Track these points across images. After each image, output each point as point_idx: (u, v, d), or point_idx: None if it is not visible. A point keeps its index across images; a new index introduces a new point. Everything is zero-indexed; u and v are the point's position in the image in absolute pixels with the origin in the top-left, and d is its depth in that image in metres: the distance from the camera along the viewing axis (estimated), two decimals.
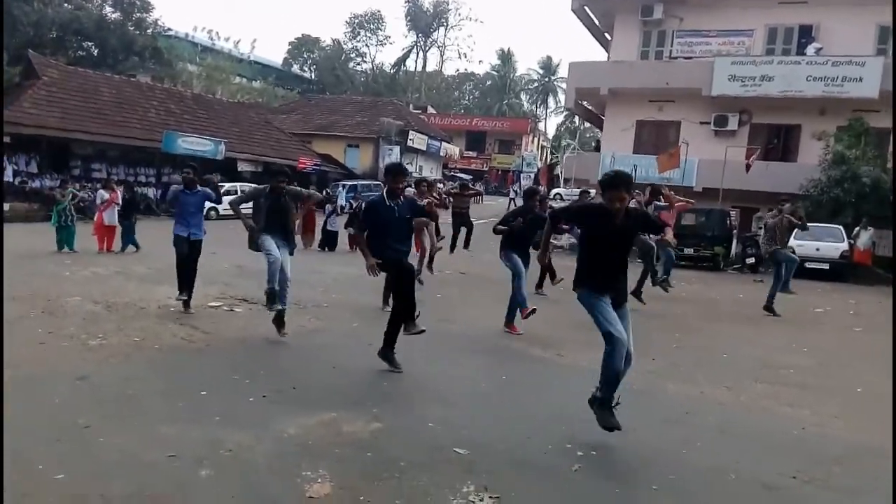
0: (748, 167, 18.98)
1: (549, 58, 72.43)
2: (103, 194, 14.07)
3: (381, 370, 5.78)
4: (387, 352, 5.83)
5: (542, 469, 3.95)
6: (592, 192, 19.12)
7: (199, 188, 8.32)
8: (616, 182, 4.41)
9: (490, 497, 3.50)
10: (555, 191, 35.00)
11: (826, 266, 16.17)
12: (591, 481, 3.82)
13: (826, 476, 4.08)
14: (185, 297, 7.83)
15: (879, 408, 5.64)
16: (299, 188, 7.25)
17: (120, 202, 13.96)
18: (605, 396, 4.38)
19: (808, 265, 16.05)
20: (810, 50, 20.49)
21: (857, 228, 17.46)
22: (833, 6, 20.26)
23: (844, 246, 16.65)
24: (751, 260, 17.77)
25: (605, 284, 4.48)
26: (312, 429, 4.29)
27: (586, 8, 24.28)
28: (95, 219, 14.12)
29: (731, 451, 4.40)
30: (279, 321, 6.79)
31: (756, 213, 21.14)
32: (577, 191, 17.53)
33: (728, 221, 19.01)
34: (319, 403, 4.77)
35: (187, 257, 7.91)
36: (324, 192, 25.11)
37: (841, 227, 17.11)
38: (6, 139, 20.74)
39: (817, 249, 16.37)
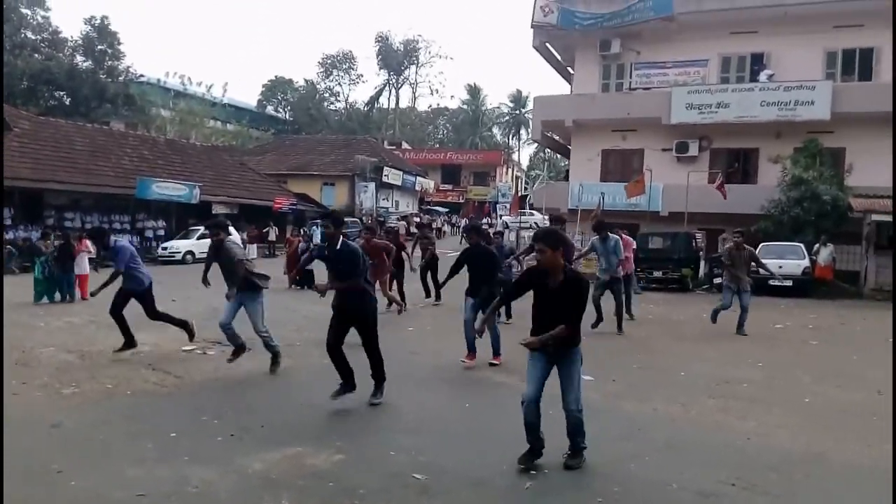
0: (724, 194, 19.55)
1: (518, 91, 74.16)
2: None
3: (348, 405, 5.98)
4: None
5: (497, 488, 4.19)
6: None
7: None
8: (538, 237, 4.51)
9: None
10: (503, 218, 33.94)
11: (789, 283, 16.67)
12: (541, 497, 4.06)
13: (763, 482, 4.36)
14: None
15: (823, 417, 5.99)
16: (233, 249, 7.33)
17: (92, 250, 14.01)
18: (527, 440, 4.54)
19: (771, 282, 16.55)
20: (762, 77, 21.39)
21: (817, 245, 18.04)
22: (782, 35, 21.22)
23: (806, 263, 17.18)
24: (718, 279, 18.20)
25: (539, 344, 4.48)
26: (277, 463, 4.49)
27: (547, 45, 25.14)
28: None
29: (677, 464, 4.67)
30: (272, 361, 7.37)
31: (721, 235, 21.73)
32: (531, 218, 18.07)
33: (694, 243, 19.54)
34: (285, 439, 4.97)
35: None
36: (301, 231, 25.43)
37: (801, 245, 17.68)
38: None
39: (780, 267, 16.85)
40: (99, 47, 40.94)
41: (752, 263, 11.04)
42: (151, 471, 4.33)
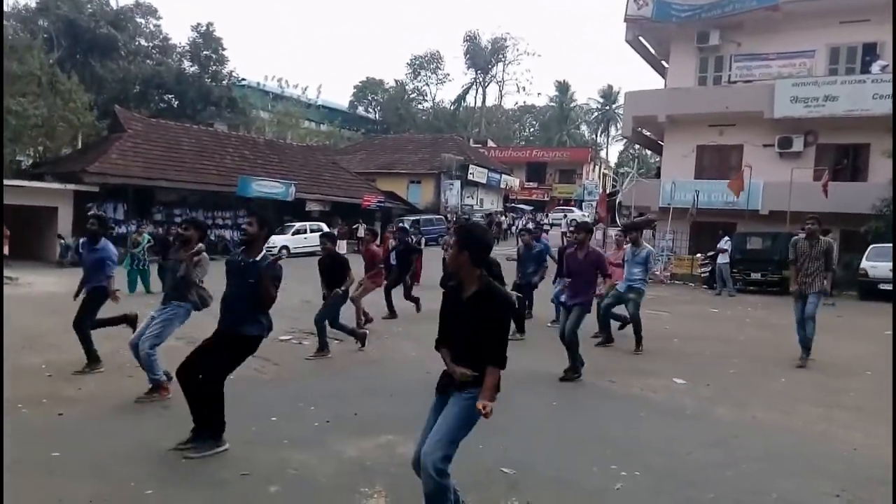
0: (826, 192, 18.49)
1: (609, 86, 72.47)
2: None
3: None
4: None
5: (585, 488, 4.17)
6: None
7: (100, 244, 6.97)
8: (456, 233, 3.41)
9: None
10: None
11: None
12: (630, 500, 4.01)
13: (871, 496, 4.13)
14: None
15: None
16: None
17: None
18: None
19: (882, 286, 15.52)
20: (875, 68, 19.97)
21: None
22: None
23: None
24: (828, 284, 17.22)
25: (442, 379, 3.45)
26: (370, 450, 4.66)
27: (641, 38, 24.45)
28: None
29: (776, 473, 4.49)
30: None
31: (828, 235, 20.50)
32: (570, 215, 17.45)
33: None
34: (377, 428, 5.14)
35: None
36: (388, 228, 25.95)
37: None
38: (95, 188, 22.48)
39: (891, 271, 15.75)
40: (204, 53, 43.20)
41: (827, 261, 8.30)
42: (254, 452, 4.59)
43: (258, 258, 4.67)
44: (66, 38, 37.74)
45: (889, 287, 15.50)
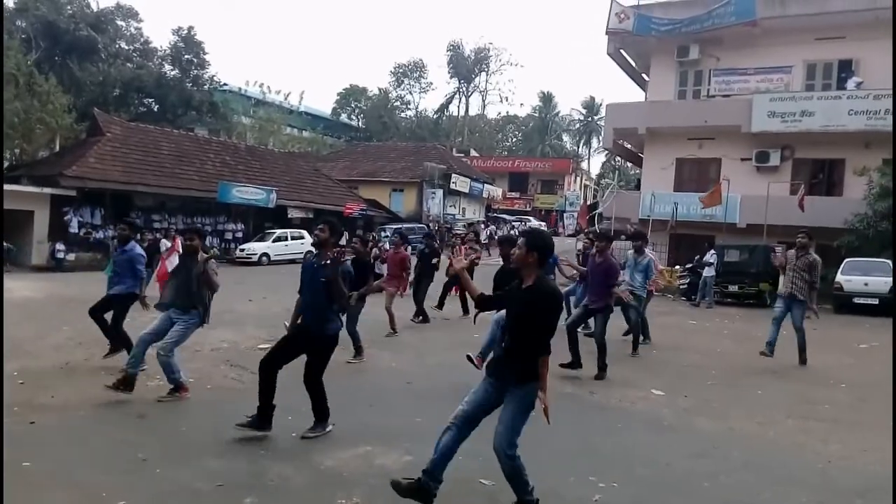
0: (802, 206, 18.77)
1: (591, 98, 73.23)
2: (166, 243, 14.82)
3: (416, 408, 6.07)
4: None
5: (564, 499, 4.17)
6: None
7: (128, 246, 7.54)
8: (501, 240, 4.16)
9: None
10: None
11: (875, 301, 15.79)
12: None
13: None
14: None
15: None
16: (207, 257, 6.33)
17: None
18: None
19: (857, 300, 15.77)
20: (851, 84, 20.38)
21: None
22: (872, 40, 20.13)
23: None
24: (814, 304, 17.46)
25: (494, 363, 4.02)
26: (348, 461, 4.62)
27: (622, 51, 24.74)
28: (159, 267, 14.87)
29: (754, 484, 4.52)
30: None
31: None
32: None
33: (773, 257, 18.72)
34: (356, 438, 5.09)
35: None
36: (372, 237, 25.90)
37: (889, 262, 16.72)
38: (72, 192, 22.17)
39: (865, 284, 16.04)
40: (185, 57, 42.91)
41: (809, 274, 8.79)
42: (231, 463, 4.52)
43: (328, 261, 5.16)
44: (45, 40, 37.29)
45: (864, 301, 15.79)
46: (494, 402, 3.89)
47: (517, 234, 23.38)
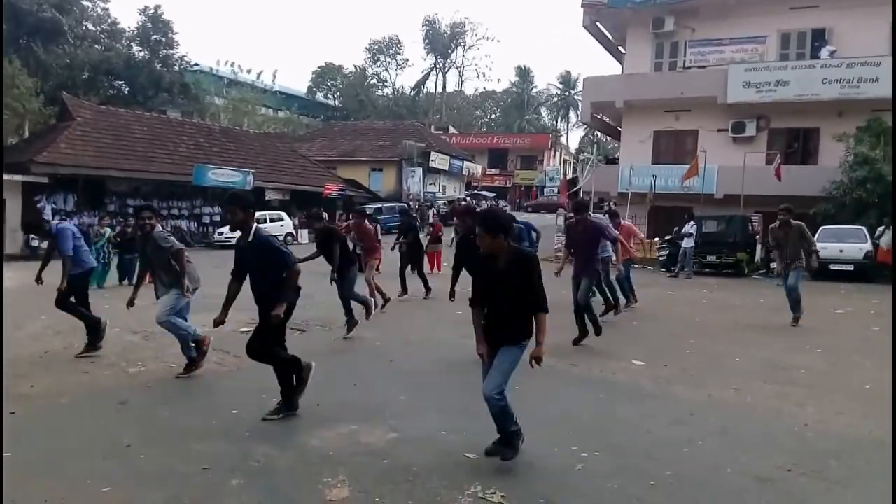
0: (779, 176, 18.98)
1: (568, 72, 73.12)
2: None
3: (400, 385, 6.10)
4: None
5: (547, 469, 4.22)
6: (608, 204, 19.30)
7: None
8: (477, 219, 4.28)
9: (496, 494, 3.79)
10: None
11: (850, 267, 16.11)
12: (592, 479, 4.08)
13: (821, 468, 4.27)
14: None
15: (885, 404, 5.78)
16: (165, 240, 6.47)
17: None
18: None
19: (832, 267, 16.06)
20: (824, 53, 20.54)
21: (881, 228, 17.33)
22: (845, 9, 20.31)
23: (868, 246, 16.54)
24: (774, 264, 17.75)
25: (489, 336, 4.22)
26: (333, 440, 4.64)
27: (598, 24, 24.67)
28: None
29: (732, 449, 4.61)
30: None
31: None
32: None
33: (750, 227, 19.00)
34: (340, 417, 5.11)
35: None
36: (349, 216, 25.78)
37: (864, 228, 17.03)
38: (44, 179, 21.76)
39: (841, 251, 16.32)
40: (154, 37, 42.00)
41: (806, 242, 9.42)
42: (215, 446, 4.52)
43: (251, 239, 5.01)
44: (8, 21, 36.21)
45: (839, 267, 16.08)
46: None
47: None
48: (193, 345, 6.49)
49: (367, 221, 11.24)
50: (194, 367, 6.48)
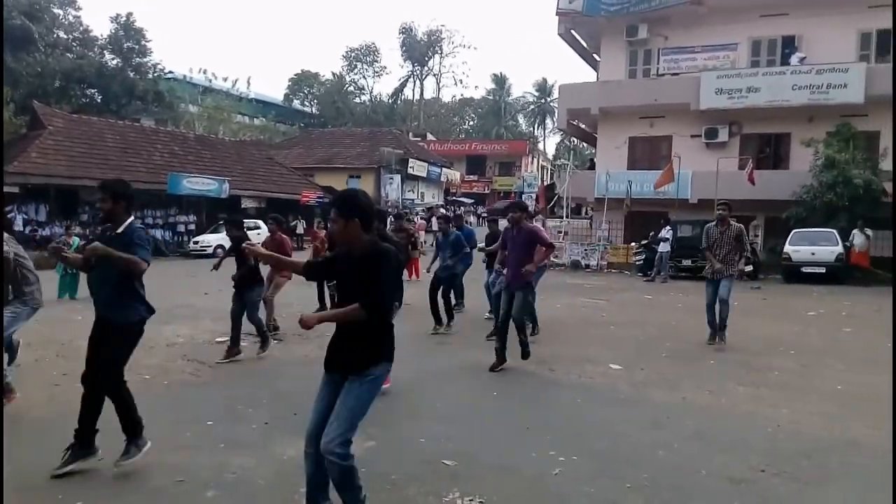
0: (752, 181, 19.27)
1: (544, 80, 73.56)
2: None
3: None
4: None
5: (525, 474, 4.23)
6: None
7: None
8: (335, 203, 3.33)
9: (475, 500, 3.79)
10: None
11: (822, 270, 16.43)
12: (570, 483, 4.09)
13: (794, 469, 4.34)
14: None
15: (857, 405, 5.91)
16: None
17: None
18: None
19: (805, 269, 16.35)
20: (794, 60, 20.95)
21: (854, 231, 17.68)
22: (814, 17, 20.74)
23: (839, 249, 16.87)
24: (748, 267, 17.99)
25: (330, 354, 3.39)
26: None
27: (573, 32, 24.91)
28: None
29: (706, 451, 4.67)
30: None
31: (752, 222, 21.42)
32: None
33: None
34: None
35: None
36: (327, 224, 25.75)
37: (835, 231, 17.35)
38: (15, 189, 21.36)
39: (812, 254, 16.64)
40: (126, 44, 41.54)
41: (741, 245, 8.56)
42: (190, 458, 4.46)
43: (120, 230, 4.25)
44: None
45: (811, 270, 16.38)
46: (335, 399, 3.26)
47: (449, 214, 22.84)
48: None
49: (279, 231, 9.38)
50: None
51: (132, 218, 4.42)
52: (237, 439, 4.83)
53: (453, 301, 10.27)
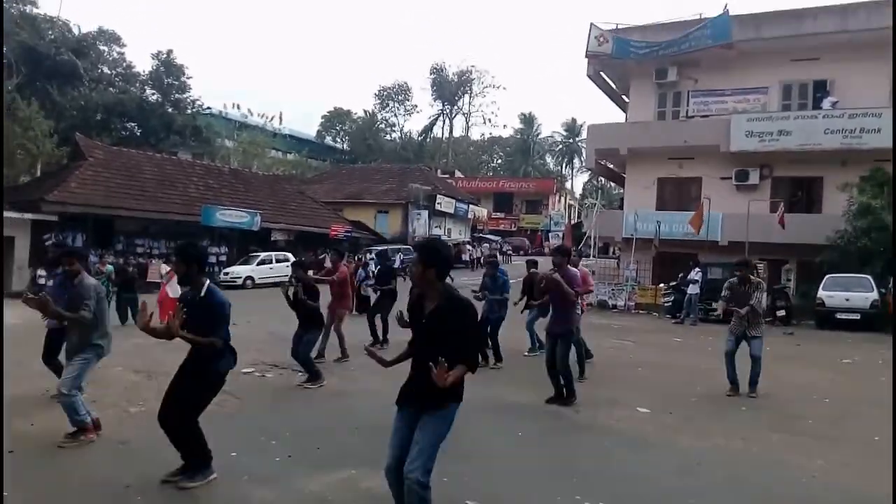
0: (783, 224, 19.04)
1: (573, 119, 74.11)
2: (165, 268, 14.74)
3: None
4: None
5: None
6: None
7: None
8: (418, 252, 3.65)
9: None
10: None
11: (857, 316, 16.01)
12: None
13: None
14: None
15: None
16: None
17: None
18: None
19: (838, 316, 15.96)
20: (826, 104, 20.80)
21: (891, 278, 17.24)
22: (846, 61, 20.64)
23: (874, 295, 16.46)
24: (781, 312, 17.68)
25: (406, 391, 3.65)
26: (332, 485, 4.58)
27: (602, 73, 25.12)
28: (160, 292, 14.68)
29: (738, 501, 4.54)
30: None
31: (785, 266, 21.07)
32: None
33: (756, 274, 18.92)
34: (340, 462, 5.06)
35: None
36: (357, 258, 25.90)
37: (870, 277, 16.96)
38: (54, 217, 21.97)
39: (847, 300, 16.26)
40: (167, 80, 42.91)
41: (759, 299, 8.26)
42: (213, 489, 4.47)
43: (203, 294, 4.55)
44: (26, 65, 37.09)
45: (845, 316, 15.99)
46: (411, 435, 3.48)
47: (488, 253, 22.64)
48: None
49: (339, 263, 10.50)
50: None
51: (208, 281, 4.72)
52: (260, 472, 4.83)
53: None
